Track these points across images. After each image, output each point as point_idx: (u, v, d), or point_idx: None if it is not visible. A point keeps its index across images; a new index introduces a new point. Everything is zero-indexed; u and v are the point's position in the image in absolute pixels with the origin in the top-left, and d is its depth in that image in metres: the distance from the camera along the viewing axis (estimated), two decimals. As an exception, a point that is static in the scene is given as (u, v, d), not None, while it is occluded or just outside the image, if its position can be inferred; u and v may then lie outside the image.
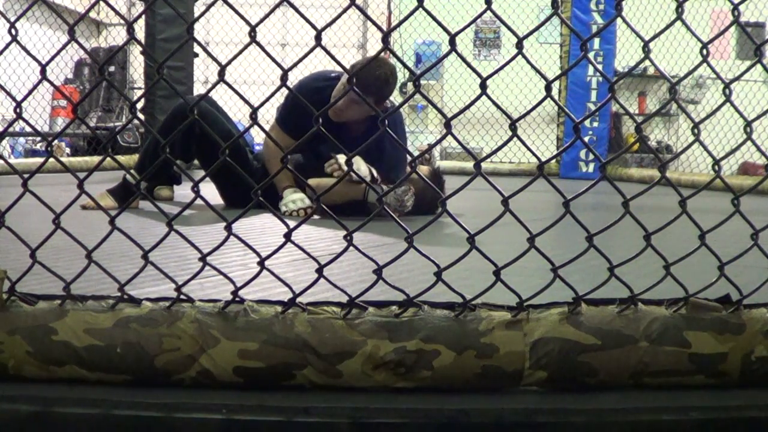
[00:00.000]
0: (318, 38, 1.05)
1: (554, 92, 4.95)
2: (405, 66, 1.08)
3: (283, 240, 1.08)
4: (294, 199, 3.47)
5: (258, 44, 1.05)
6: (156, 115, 5.84)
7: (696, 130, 1.12)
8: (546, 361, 1.04)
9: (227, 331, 1.02)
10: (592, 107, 7.30)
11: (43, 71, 1.08)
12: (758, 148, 1.19)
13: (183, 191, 4.04)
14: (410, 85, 9.13)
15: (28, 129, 6.06)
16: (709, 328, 1.07)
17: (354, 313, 1.05)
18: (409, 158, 3.41)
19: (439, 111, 1.11)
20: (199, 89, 7.74)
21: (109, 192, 3.43)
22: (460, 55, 1.02)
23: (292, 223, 1.08)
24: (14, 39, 1.10)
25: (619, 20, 1.20)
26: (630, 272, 1.11)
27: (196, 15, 5.08)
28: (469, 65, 1.07)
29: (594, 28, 7.21)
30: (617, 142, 8.77)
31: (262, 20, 1.07)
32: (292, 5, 1.11)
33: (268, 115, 5.61)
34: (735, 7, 1.11)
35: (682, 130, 9.48)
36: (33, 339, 1.02)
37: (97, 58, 8.55)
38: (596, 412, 1.00)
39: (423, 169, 3.62)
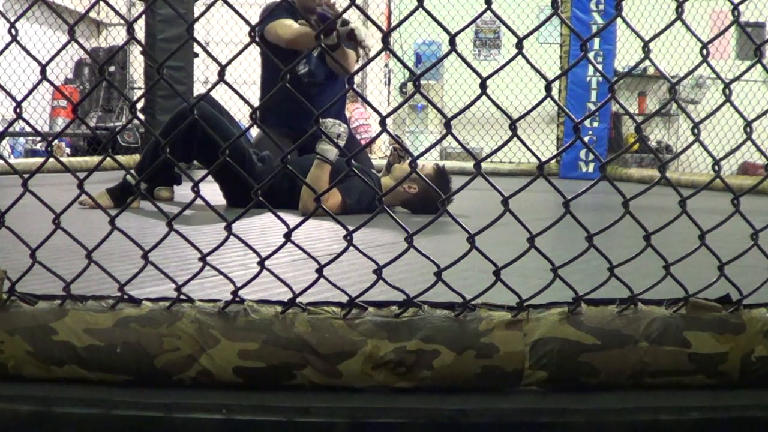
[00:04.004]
0: (318, 38, 1.05)
1: (554, 92, 4.95)
2: (405, 66, 1.08)
3: (283, 240, 1.08)
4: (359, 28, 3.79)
5: (258, 44, 1.05)
6: (156, 115, 5.83)
7: (696, 130, 1.12)
8: (546, 361, 1.04)
9: (227, 331, 1.02)
10: (592, 107, 7.28)
11: (43, 71, 1.08)
12: (758, 148, 1.19)
13: (183, 191, 4.04)
14: (410, 85, 9.12)
15: (28, 129, 6.06)
16: (709, 328, 1.07)
17: (354, 313, 1.05)
18: (409, 158, 3.42)
19: (439, 111, 1.11)
20: (199, 89, 7.73)
21: (108, 191, 3.43)
22: (460, 55, 1.02)
23: (292, 223, 1.08)
24: (14, 39, 1.10)
25: (619, 20, 1.20)
26: (630, 272, 1.11)
27: (196, 15, 5.07)
28: (469, 65, 1.07)
29: (594, 28, 7.20)
30: (617, 142, 8.76)
31: (262, 20, 1.07)
32: (292, 5, 1.11)
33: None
34: (735, 7, 1.11)
35: (682, 130, 9.48)
36: (33, 339, 1.02)
37: (97, 58, 8.54)
38: (596, 412, 1.00)
39: (427, 167, 3.60)
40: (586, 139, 4.04)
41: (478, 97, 1.05)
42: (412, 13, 1.04)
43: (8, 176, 4.33)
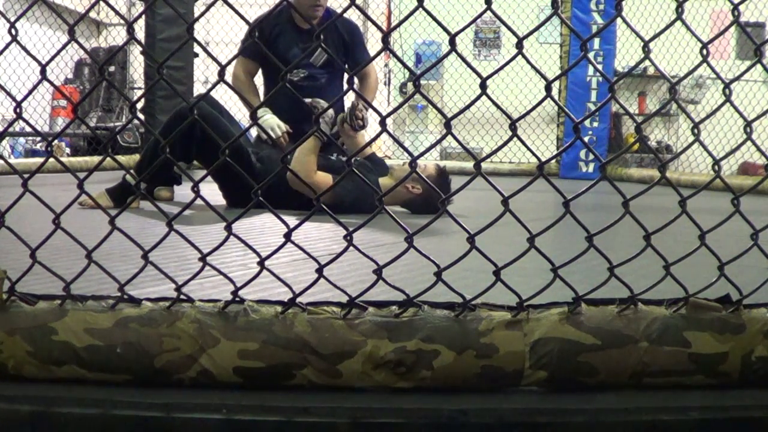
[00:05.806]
0: (317, 37, 1.05)
1: (554, 92, 4.95)
2: (405, 66, 1.08)
3: (283, 240, 1.08)
4: (272, 125, 3.74)
5: (258, 44, 1.05)
6: (156, 115, 5.83)
7: (696, 130, 1.12)
8: (546, 361, 1.04)
9: (227, 331, 1.02)
10: (592, 107, 7.28)
11: (43, 71, 1.08)
12: (758, 148, 1.19)
13: (183, 191, 4.03)
14: (410, 85, 9.12)
15: (28, 129, 6.06)
16: (709, 328, 1.07)
17: (354, 313, 1.05)
18: (408, 158, 3.42)
19: (439, 111, 1.11)
20: (199, 89, 7.72)
21: (107, 192, 3.43)
22: (460, 55, 1.02)
23: (292, 223, 1.08)
24: (14, 39, 1.10)
25: (619, 20, 1.20)
26: (630, 272, 1.11)
27: (196, 15, 5.08)
28: (469, 65, 1.07)
29: (594, 28, 7.20)
30: (617, 142, 8.76)
31: (262, 20, 1.07)
32: (292, 5, 1.11)
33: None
34: (735, 7, 1.11)
35: (682, 130, 9.48)
36: (33, 339, 1.02)
37: (97, 58, 8.54)
38: (596, 412, 1.00)
39: (429, 168, 3.60)
40: (586, 139, 4.02)
41: (478, 97, 1.05)
42: (412, 13, 1.04)
43: (8, 176, 4.33)
